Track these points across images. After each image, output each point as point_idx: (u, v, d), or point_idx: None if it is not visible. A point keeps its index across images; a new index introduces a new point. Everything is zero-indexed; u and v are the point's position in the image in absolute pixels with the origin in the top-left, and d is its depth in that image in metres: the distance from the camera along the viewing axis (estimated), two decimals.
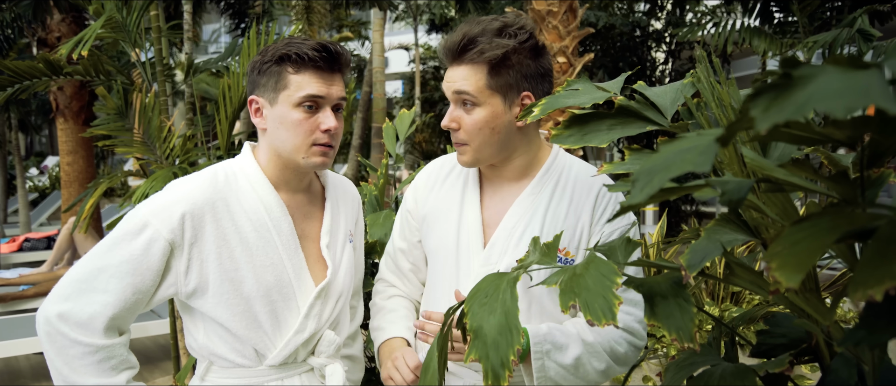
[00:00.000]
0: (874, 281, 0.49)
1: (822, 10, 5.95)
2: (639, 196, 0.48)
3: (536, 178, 1.36)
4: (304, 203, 1.39)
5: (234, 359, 1.31)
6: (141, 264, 1.23)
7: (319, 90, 1.27)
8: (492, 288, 0.84)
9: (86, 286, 1.23)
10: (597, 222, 1.33)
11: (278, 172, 1.34)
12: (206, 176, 1.31)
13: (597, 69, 8.93)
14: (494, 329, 0.79)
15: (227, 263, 1.27)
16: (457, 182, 1.44)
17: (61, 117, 6.20)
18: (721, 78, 0.91)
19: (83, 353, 1.21)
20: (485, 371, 0.77)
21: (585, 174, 1.38)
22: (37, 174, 14.36)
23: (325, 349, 1.37)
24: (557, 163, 1.39)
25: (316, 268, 1.37)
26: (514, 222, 1.34)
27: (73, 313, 1.21)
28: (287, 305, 1.32)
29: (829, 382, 0.82)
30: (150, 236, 1.23)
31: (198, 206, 1.25)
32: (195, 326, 1.34)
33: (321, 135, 1.29)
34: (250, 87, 1.33)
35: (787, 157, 0.86)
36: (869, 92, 0.39)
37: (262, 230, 1.30)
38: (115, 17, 3.23)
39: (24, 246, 6.62)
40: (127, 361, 1.27)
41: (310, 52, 1.25)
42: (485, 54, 1.26)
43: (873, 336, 0.57)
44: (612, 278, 0.76)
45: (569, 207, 1.34)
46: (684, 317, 0.78)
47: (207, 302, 1.28)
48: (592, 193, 1.35)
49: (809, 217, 0.58)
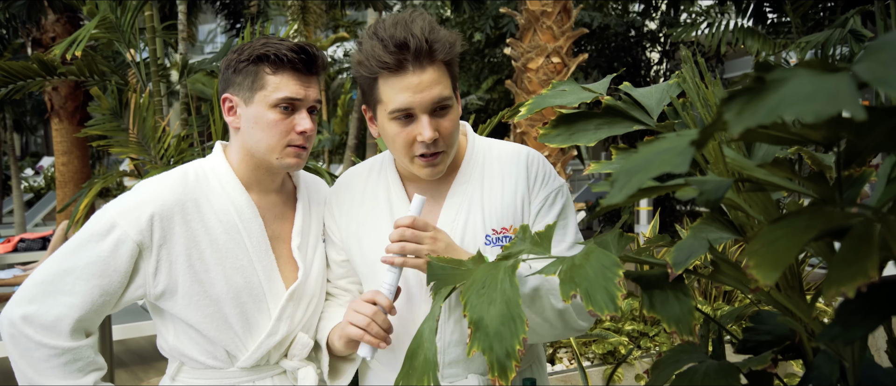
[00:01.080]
0: (847, 278, 0.50)
1: (815, 10, 5.98)
2: (618, 196, 0.49)
3: (462, 168, 1.34)
4: (276, 203, 1.38)
5: (204, 360, 1.30)
6: (108, 266, 1.21)
7: (297, 92, 1.26)
8: (488, 278, 0.83)
9: (51, 288, 1.21)
10: (533, 190, 1.32)
11: (250, 172, 1.33)
12: (176, 176, 1.30)
13: (591, 69, 8.95)
14: (496, 319, 0.78)
15: (197, 265, 1.26)
16: (376, 192, 1.37)
17: (56, 118, 6.18)
18: (707, 78, 0.93)
19: (49, 355, 1.20)
20: (490, 363, 0.76)
21: (508, 149, 1.36)
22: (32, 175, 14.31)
23: (299, 352, 1.35)
24: (477, 148, 1.37)
25: (287, 269, 1.36)
26: (453, 216, 1.31)
27: (37, 316, 1.20)
28: (257, 307, 1.31)
29: (812, 378, 0.83)
30: (118, 237, 1.21)
31: (167, 206, 1.24)
32: (165, 327, 1.32)
33: (296, 136, 1.28)
34: (224, 84, 1.31)
35: (771, 156, 0.87)
36: (837, 97, 0.40)
37: (231, 231, 1.29)
38: (110, 18, 3.23)
39: (20, 246, 6.60)
40: (94, 362, 1.26)
41: (288, 53, 1.25)
42: (443, 52, 1.20)
43: (848, 332, 0.59)
44: (614, 270, 0.76)
45: (502, 184, 1.32)
46: (683, 308, 0.78)
47: (177, 304, 1.27)
48: (521, 163, 1.33)
49: (787, 216, 0.59)
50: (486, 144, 1.39)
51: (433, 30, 1.20)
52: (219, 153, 1.35)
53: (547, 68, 4.70)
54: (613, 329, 3.27)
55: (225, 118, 1.33)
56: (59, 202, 6.25)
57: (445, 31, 1.22)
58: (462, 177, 1.34)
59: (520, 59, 4.80)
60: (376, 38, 1.19)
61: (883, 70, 0.43)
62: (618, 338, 3.11)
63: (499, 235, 1.30)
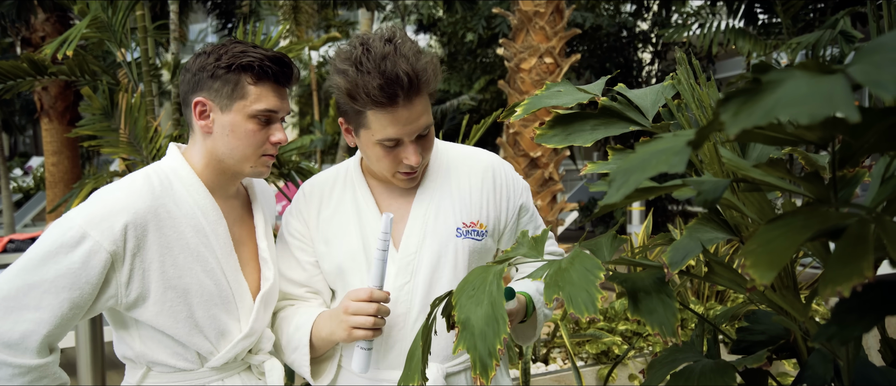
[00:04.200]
0: (842, 278, 0.51)
1: (806, 11, 6.02)
2: (615, 196, 0.49)
3: (429, 168, 1.40)
4: (234, 207, 1.38)
5: (175, 363, 1.28)
6: (79, 278, 1.16)
7: (276, 105, 1.27)
8: (479, 281, 0.85)
9: (14, 304, 1.15)
10: (502, 199, 1.41)
11: (215, 177, 1.32)
12: (140, 182, 1.26)
13: (584, 70, 8.98)
14: (481, 320, 0.80)
15: (171, 271, 1.24)
16: (344, 195, 1.41)
17: (46, 117, 6.14)
18: (701, 79, 0.93)
19: (13, 374, 1.15)
20: (473, 361, 0.78)
21: (469, 153, 1.45)
22: (21, 175, 14.21)
23: (265, 346, 1.37)
24: (441, 151, 1.44)
25: (248, 271, 1.36)
26: (424, 210, 1.36)
27: (1, 334, 1.14)
28: (227, 309, 1.30)
29: (807, 377, 0.84)
30: (90, 248, 1.16)
31: (140, 215, 1.21)
32: (129, 335, 1.29)
33: (270, 147, 1.30)
34: (194, 86, 1.28)
35: (766, 157, 0.88)
36: (832, 99, 0.41)
37: (200, 235, 1.28)
38: (101, 17, 3.21)
39: (9, 247, 6.55)
40: (59, 377, 1.22)
41: (271, 65, 1.25)
42: (431, 84, 1.26)
43: (844, 332, 0.59)
44: (596, 273, 0.78)
45: (469, 181, 1.40)
46: (667, 312, 0.79)
47: (148, 311, 1.24)
48: (488, 169, 1.42)
49: (783, 216, 0.60)
50: (447, 146, 1.46)
51: (418, 58, 1.23)
52: (177, 156, 1.32)
53: (540, 69, 4.71)
54: (607, 329, 3.28)
55: (193, 121, 1.30)
56: (49, 202, 6.21)
57: (426, 57, 1.25)
58: (430, 176, 1.40)
59: (512, 60, 4.80)
60: (364, 71, 1.19)
61: (877, 72, 0.44)
62: (611, 338, 3.12)
63: (468, 228, 1.37)
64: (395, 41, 1.21)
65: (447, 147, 1.46)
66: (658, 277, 0.83)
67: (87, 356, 2.81)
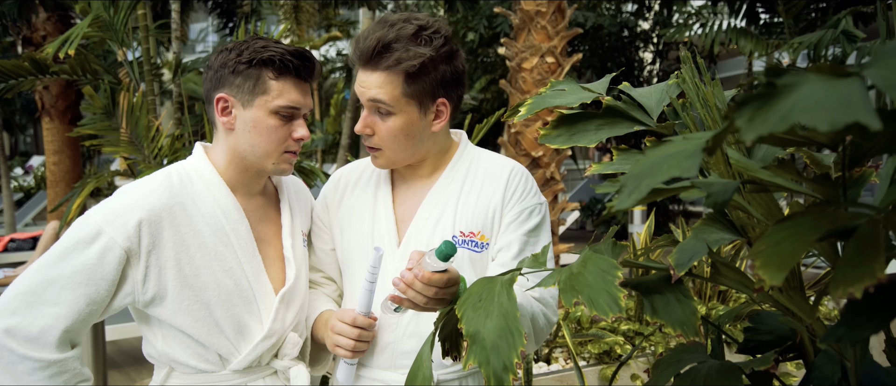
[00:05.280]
0: (854, 279, 0.50)
1: (808, 11, 6.01)
2: (628, 201, 0.49)
3: (446, 171, 1.39)
4: (260, 205, 1.37)
5: (196, 364, 1.28)
6: (95, 274, 1.18)
7: (298, 101, 1.27)
8: (485, 291, 0.84)
9: (35, 299, 1.17)
10: (508, 203, 1.36)
11: (238, 175, 1.32)
12: (160, 179, 1.27)
13: (585, 69, 8.97)
14: (493, 333, 0.78)
15: (187, 269, 1.24)
16: (368, 184, 1.44)
17: (47, 117, 6.14)
18: (706, 79, 0.93)
19: (33, 368, 1.17)
20: (487, 376, 0.77)
21: (496, 162, 1.42)
22: (21, 174, 14.20)
23: (290, 351, 1.35)
24: (466, 154, 1.42)
25: (273, 271, 1.35)
26: (427, 214, 1.36)
27: (21, 328, 1.16)
28: (248, 309, 1.30)
29: (813, 378, 0.84)
30: (105, 245, 1.18)
31: (155, 212, 1.22)
32: (153, 334, 1.30)
33: (293, 143, 1.29)
34: (216, 83, 1.28)
35: (771, 157, 0.87)
36: (851, 105, 0.40)
37: (219, 234, 1.27)
38: (102, 16, 3.21)
39: (10, 246, 6.55)
40: (80, 374, 1.22)
41: (293, 60, 1.24)
42: (401, 64, 1.25)
43: (854, 333, 0.59)
44: (613, 273, 0.77)
45: (480, 191, 1.37)
46: (685, 311, 0.79)
47: (166, 309, 1.24)
48: (503, 176, 1.38)
49: (792, 216, 0.59)
50: (476, 153, 1.44)
51: (399, 38, 1.25)
52: (201, 155, 1.33)
53: (541, 68, 4.71)
54: (609, 329, 3.28)
55: (216, 118, 1.30)
56: (50, 202, 6.21)
57: (417, 48, 1.25)
58: (444, 179, 1.39)
59: (514, 59, 4.80)
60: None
61: (894, 75, 0.43)
62: (614, 338, 3.12)
63: (466, 238, 1.35)
64: (408, 16, 1.29)
65: (476, 153, 1.44)
66: (666, 278, 0.82)
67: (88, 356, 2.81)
